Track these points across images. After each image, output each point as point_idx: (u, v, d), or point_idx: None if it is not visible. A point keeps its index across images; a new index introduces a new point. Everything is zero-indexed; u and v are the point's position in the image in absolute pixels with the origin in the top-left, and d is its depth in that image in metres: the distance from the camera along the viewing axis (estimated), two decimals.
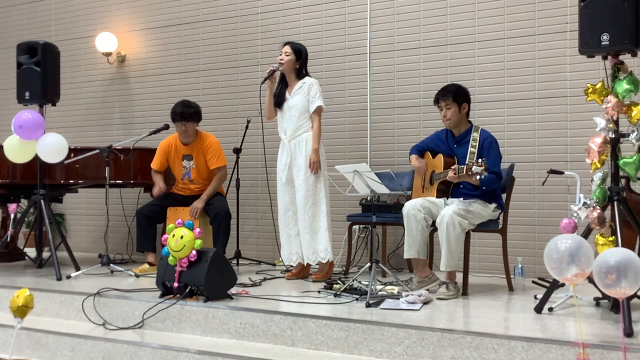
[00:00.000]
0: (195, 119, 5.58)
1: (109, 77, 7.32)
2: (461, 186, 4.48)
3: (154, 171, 5.69)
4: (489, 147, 4.46)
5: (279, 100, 5.16)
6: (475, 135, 4.51)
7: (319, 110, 5.03)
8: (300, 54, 5.12)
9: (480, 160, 4.10)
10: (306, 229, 4.98)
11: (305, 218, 4.98)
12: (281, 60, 5.08)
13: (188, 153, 5.63)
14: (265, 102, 5.21)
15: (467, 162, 4.24)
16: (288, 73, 5.13)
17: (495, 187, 4.47)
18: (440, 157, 4.61)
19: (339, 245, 5.70)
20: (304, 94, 5.03)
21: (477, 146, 4.45)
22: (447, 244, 4.27)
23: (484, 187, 4.36)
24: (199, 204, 5.44)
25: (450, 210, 4.29)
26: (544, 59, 5.34)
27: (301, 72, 5.13)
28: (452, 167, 4.28)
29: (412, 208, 4.42)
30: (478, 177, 4.07)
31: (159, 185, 5.59)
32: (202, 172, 5.63)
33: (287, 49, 5.11)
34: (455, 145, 4.62)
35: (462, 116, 4.58)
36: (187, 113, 5.50)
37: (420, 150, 4.88)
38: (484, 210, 4.46)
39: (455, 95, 4.53)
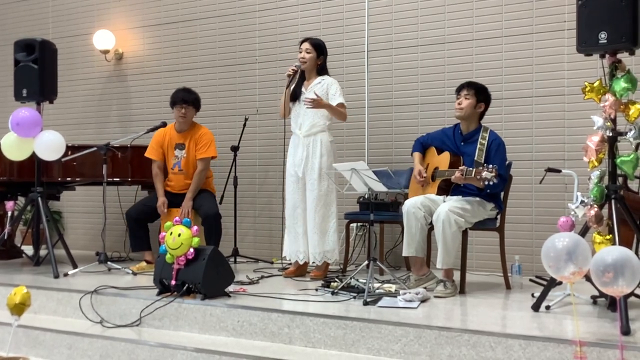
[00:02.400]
0: (195, 105, 5.61)
1: (107, 75, 7.31)
2: (462, 185, 4.48)
3: (155, 172, 5.61)
4: (497, 149, 4.45)
5: (295, 94, 5.11)
6: (485, 135, 4.51)
7: (342, 106, 5.01)
8: (321, 49, 5.09)
9: (491, 166, 4.10)
10: (315, 229, 4.98)
11: (316, 218, 4.97)
12: (303, 59, 5.04)
13: (181, 142, 5.62)
14: (282, 99, 5.14)
15: (476, 165, 4.22)
16: (309, 70, 5.09)
17: (498, 190, 4.47)
18: (446, 155, 4.59)
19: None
20: (322, 93, 5.00)
21: (485, 144, 4.45)
22: (443, 242, 4.27)
23: (488, 190, 4.36)
24: (187, 203, 5.41)
25: (445, 207, 4.29)
26: (542, 57, 5.34)
27: (323, 68, 5.11)
28: (460, 168, 4.28)
29: (413, 206, 4.42)
30: (486, 182, 4.08)
31: (161, 199, 5.49)
32: (191, 162, 5.60)
33: (307, 46, 5.06)
34: (462, 143, 4.61)
35: (475, 112, 4.58)
36: (188, 97, 5.56)
37: (424, 144, 4.86)
38: (482, 209, 4.47)
39: (477, 90, 4.56)
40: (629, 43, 3.56)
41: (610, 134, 3.60)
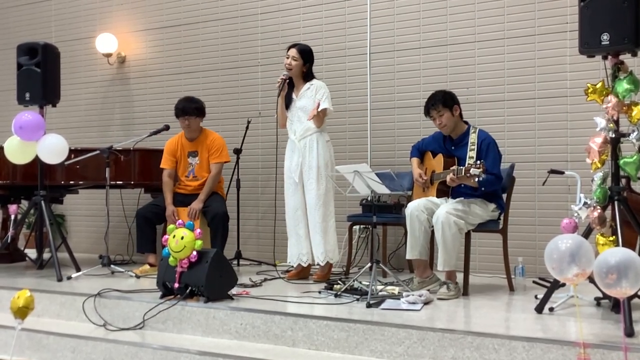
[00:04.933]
0: (198, 114, 5.60)
1: (109, 78, 7.32)
2: (462, 186, 4.48)
3: (165, 180, 5.62)
4: (487, 149, 4.45)
5: (286, 102, 5.15)
6: (474, 136, 4.50)
7: (324, 113, 5.01)
8: (307, 57, 5.09)
9: (478, 162, 4.11)
10: (317, 229, 4.98)
11: (316, 218, 4.98)
12: (289, 66, 5.05)
13: (194, 150, 5.66)
14: (278, 110, 5.18)
15: (466, 165, 4.24)
16: (295, 76, 5.11)
17: (495, 188, 4.47)
18: (440, 157, 4.62)
19: (339, 245, 5.68)
20: (311, 97, 5.02)
21: (475, 149, 4.44)
22: (443, 244, 4.27)
23: (483, 189, 4.36)
24: (196, 205, 5.43)
25: (444, 210, 4.29)
26: (544, 58, 5.34)
27: (308, 74, 5.11)
28: (452, 168, 4.29)
29: (416, 209, 4.42)
30: (476, 179, 4.08)
31: (170, 208, 5.49)
32: (204, 167, 5.64)
33: (294, 53, 5.07)
34: (453, 148, 4.62)
35: (456, 119, 4.58)
36: (189, 108, 5.54)
37: (420, 150, 4.88)
38: (483, 211, 4.46)
39: (443, 101, 4.52)
40: (631, 44, 3.56)
41: (613, 136, 3.60)
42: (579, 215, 3.64)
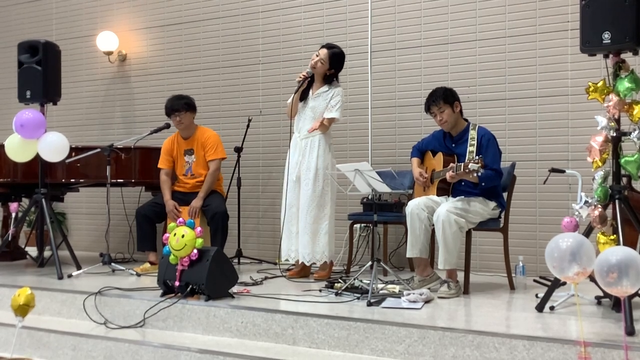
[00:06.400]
0: (188, 108, 5.59)
1: (110, 76, 7.32)
2: (462, 184, 4.48)
3: (163, 179, 5.64)
4: (487, 144, 4.46)
5: (302, 96, 5.11)
6: (473, 133, 4.51)
7: (331, 121, 5.01)
8: (335, 63, 5.01)
9: (476, 157, 4.11)
10: (307, 230, 4.97)
11: (308, 218, 4.97)
12: (314, 65, 5.00)
13: (189, 147, 5.67)
14: (292, 101, 5.13)
15: (465, 160, 4.25)
16: (317, 75, 5.06)
17: (495, 183, 4.47)
18: (440, 156, 4.62)
19: (340, 244, 5.70)
20: (325, 99, 5.00)
21: (475, 144, 4.45)
22: (443, 242, 4.27)
23: (483, 184, 4.36)
24: (196, 203, 5.44)
25: (444, 208, 4.29)
26: (545, 57, 5.33)
27: (331, 77, 5.06)
28: (451, 165, 4.30)
29: (416, 207, 4.42)
30: (475, 174, 4.08)
31: (170, 202, 5.51)
32: (201, 165, 5.65)
33: (324, 55, 4.99)
34: (453, 145, 4.62)
35: (457, 115, 4.58)
36: (177, 104, 5.56)
37: (420, 150, 4.88)
38: (483, 209, 4.46)
39: (444, 97, 4.53)
40: (632, 43, 3.56)
41: (614, 134, 3.60)
42: (580, 214, 3.64)
